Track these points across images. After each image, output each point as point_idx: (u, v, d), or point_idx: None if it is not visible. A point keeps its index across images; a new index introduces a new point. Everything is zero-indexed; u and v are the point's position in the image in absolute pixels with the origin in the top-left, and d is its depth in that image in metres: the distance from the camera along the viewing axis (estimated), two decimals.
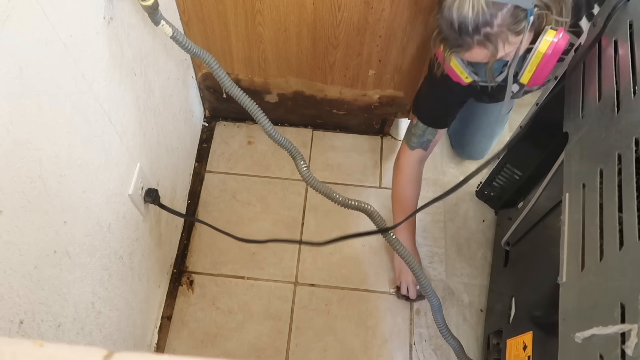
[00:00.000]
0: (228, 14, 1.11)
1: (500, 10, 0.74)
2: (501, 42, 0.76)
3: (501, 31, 0.75)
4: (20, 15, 0.53)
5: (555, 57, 0.80)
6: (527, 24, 0.75)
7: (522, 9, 0.74)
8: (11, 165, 0.54)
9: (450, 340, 1.06)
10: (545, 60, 0.80)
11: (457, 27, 0.76)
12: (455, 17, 0.75)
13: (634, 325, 0.49)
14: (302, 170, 0.98)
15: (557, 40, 0.78)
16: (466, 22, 0.74)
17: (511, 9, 0.74)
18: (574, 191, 0.72)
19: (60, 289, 0.68)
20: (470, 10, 0.74)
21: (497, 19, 0.74)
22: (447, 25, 0.77)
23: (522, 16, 0.75)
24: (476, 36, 0.75)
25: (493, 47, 0.77)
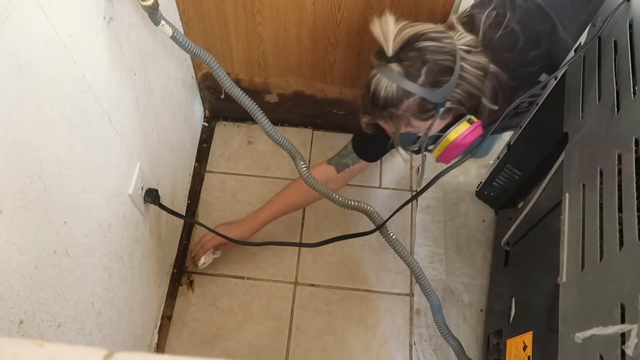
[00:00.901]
0: (228, 13, 1.11)
1: (407, 98, 0.79)
2: (403, 124, 0.83)
3: (404, 115, 0.81)
4: (20, 15, 0.53)
5: (460, 148, 0.87)
6: (437, 114, 0.81)
7: (429, 101, 0.80)
8: (11, 165, 0.54)
9: (450, 340, 1.06)
10: (451, 147, 0.87)
11: (370, 98, 0.82)
12: (371, 90, 0.81)
13: (634, 325, 0.49)
14: (302, 170, 0.98)
15: (466, 134, 0.85)
16: (378, 97, 0.81)
17: (418, 100, 0.79)
18: (574, 191, 0.72)
19: (60, 289, 0.68)
20: (383, 89, 0.80)
21: (404, 104, 0.80)
22: (365, 91, 0.84)
23: (430, 107, 0.81)
24: (383, 111, 0.82)
25: (394, 126, 0.84)
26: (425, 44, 0.78)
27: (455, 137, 0.86)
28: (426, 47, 0.78)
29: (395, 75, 0.79)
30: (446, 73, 0.79)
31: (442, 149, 0.89)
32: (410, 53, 0.78)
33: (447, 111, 0.83)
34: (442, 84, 0.79)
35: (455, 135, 0.86)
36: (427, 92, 0.79)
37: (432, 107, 0.81)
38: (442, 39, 0.80)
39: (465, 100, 0.83)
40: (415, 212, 1.39)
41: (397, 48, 0.79)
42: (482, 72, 0.83)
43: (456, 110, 0.85)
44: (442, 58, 0.79)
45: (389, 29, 0.79)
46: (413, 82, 0.78)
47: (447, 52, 0.79)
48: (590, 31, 0.82)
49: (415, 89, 0.78)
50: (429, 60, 0.78)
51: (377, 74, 0.81)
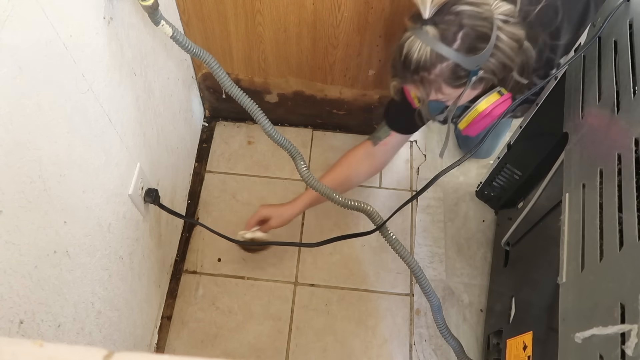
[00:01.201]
0: (228, 13, 1.11)
1: (441, 62, 0.77)
2: (434, 89, 0.81)
3: (436, 80, 0.79)
4: (20, 15, 0.53)
5: (489, 119, 0.85)
6: (469, 82, 0.79)
7: (463, 68, 0.78)
8: (11, 165, 0.54)
9: (450, 340, 1.06)
10: (480, 118, 0.86)
11: (403, 61, 0.80)
12: (404, 52, 0.79)
13: (634, 325, 0.49)
14: (301, 170, 0.98)
15: (497, 105, 0.84)
16: (410, 60, 0.79)
17: (451, 65, 0.77)
18: (574, 191, 0.72)
19: (60, 289, 0.68)
20: (417, 51, 0.78)
21: (436, 69, 0.78)
22: (397, 55, 0.81)
23: (462, 74, 0.79)
24: (414, 75, 0.80)
25: (425, 91, 0.82)
26: (463, 8, 0.76)
27: (485, 108, 0.84)
28: (464, 12, 0.76)
29: (430, 38, 0.76)
30: (482, 40, 0.77)
31: (469, 120, 0.87)
32: (447, 16, 0.76)
33: (479, 81, 0.81)
34: (478, 51, 0.77)
35: (486, 106, 0.84)
36: (461, 57, 0.76)
37: (465, 74, 0.78)
38: (480, 4, 0.77)
39: (498, 71, 0.80)
40: (415, 212, 1.39)
41: (434, 10, 0.76)
42: (518, 44, 0.81)
43: (487, 81, 0.82)
44: (480, 24, 0.76)
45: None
46: (448, 46, 0.76)
47: (484, 18, 0.77)
48: (590, 31, 0.82)
49: (449, 54, 0.76)
50: (466, 25, 0.75)
51: (411, 36, 0.78)
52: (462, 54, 0.76)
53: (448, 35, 0.76)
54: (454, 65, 0.77)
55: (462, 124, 0.89)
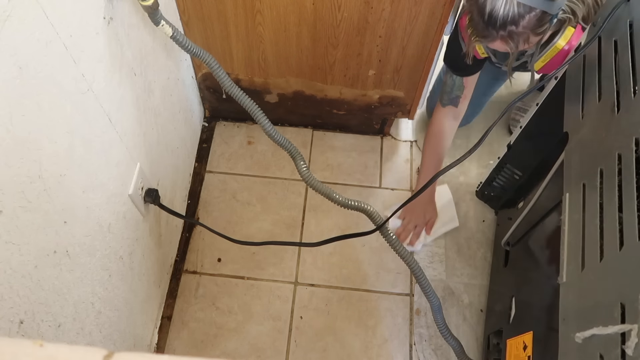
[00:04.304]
0: (228, 14, 1.11)
1: (529, 13, 0.77)
2: (522, 41, 0.80)
3: (524, 32, 0.79)
4: (20, 15, 0.53)
5: (568, 52, 0.86)
6: (551, 25, 0.79)
7: (548, 14, 0.78)
8: (11, 165, 0.54)
9: (450, 340, 1.06)
10: (560, 54, 0.87)
11: (487, 19, 0.79)
12: (487, 9, 0.78)
13: (634, 325, 0.49)
14: (301, 170, 0.98)
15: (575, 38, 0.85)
16: (496, 16, 0.78)
17: (539, 14, 0.77)
18: (574, 191, 0.72)
19: (60, 289, 0.68)
20: (503, 6, 0.77)
21: (524, 21, 0.77)
22: (478, 13, 0.80)
23: (546, 20, 0.79)
24: (501, 31, 0.79)
25: (514, 44, 0.81)
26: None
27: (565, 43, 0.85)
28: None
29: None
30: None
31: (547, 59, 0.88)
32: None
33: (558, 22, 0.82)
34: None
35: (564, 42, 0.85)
36: (548, 4, 0.76)
37: (548, 19, 0.79)
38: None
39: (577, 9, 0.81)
40: None
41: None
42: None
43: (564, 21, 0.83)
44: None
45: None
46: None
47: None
48: (590, 31, 0.82)
49: (536, 3, 0.76)
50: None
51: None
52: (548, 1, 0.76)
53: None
54: (541, 13, 0.77)
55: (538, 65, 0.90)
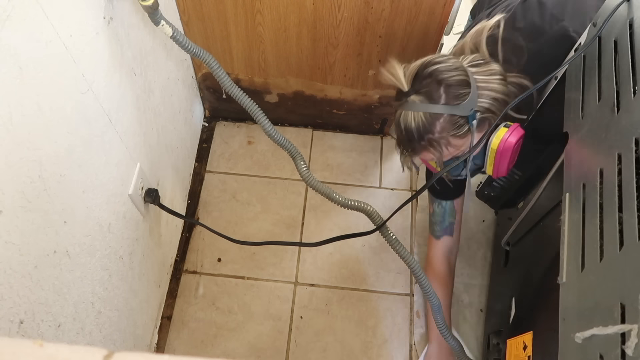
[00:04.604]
0: (228, 13, 1.11)
1: (437, 120, 0.81)
2: (444, 146, 0.84)
3: (442, 137, 0.83)
4: (20, 15, 0.53)
5: (507, 152, 0.87)
6: (472, 127, 0.82)
7: (460, 116, 0.81)
8: (11, 165, 0.54)
9: (450, 340, 1.06)
10: (499, 156, 0.88)
11: (405, 135, 0.84)
12: (402, 127, 0.84)
13: (634, 325, 0.49)
14: (301, 170, 0.98)
15: (508, 136, 0.86)
16: (411, 130, 0.83)
17: (448, 118, 0.81)
18: (574, 191, 0.72)
19: (60, 289, 0.68)
20: (412, 121, 0.82)
21: (437, 127, 0.82)
22: (398, 132, 0.86)
23: (462, 122, 0.82)
24: (421, 142, 0.84)
25: (437, 151, 0.85)
26: (434, 67, 0.81)
27: (498, 143, 0.86)
28: (436, 69, 0.81)
29: (417, 104, 0.81)
30: (463, 86, 0.81)
31: (492, 162, 0.90)
32: (424, 80, 0.82)
33: (481, 122, 0.84)
34: (464, 96, 0.81)
35: (497, 141, 0.87)
36: (452, 108, 0.80)
37: (464, 121, 0.82)
38: (446, 60, 0.83)
39: (494, 108, 0.84)
40: (415, 212, 1.39)
41: (410, 81, 0.82)
42: (500, 76, 0.84)
43: (489, 120, 0.86)
44: (454, 74, 0.81)
45: (396, 70, 0.83)
46: (436, 103, 0.81)
47: (456, 68, 0.81)
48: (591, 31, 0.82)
49: (440, 109, 0.80)
50: (443, 79, 0.80)
51: (402, 111, 0.84)
52: (452, 105, 0.81)
53: (433, 95, 0.81)
54: (450, 117, 0.81)
55: (489, 169, 0.92)
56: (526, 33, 0.91)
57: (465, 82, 0.81)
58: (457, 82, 0.81)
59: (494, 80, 0.83)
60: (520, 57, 0.90)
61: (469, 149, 0.86)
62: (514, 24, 0.93)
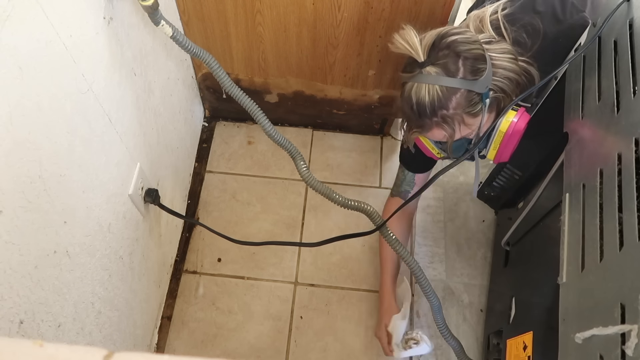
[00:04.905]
0: (228, 14, 1.11)
1: (454, 95, 0.77)
2: (457, 123, 0.80)
3: (456, 113, 0.79)
4: (20, 15, 0.53)
5: (516, 136, 0.84)
6: (484, 107, 0.79)
7: (476, 93, 0.78)
8: (11, 165, 0.54)
9: (450, 340, 1.06)
10: (507, 139, 0.84)
11: (416, 110, 0.79)
12: (414, 101, 0.79)
13: (634, 325, 0.49)
14: (301, 170, 0.98)
15: (517, 120, 0.83)
16: (423, 104, 0.78)
17: (464, 93, 0.77)
18: (574, 191, 0.72)
19: (60, 289, 0.68)
20: (427, 94, 0.77)
21: (452, 102, 0.78)
22: (407, 107, 0.81)
23: (477, 99, 0.78)
24: (434, 118, 0.79)
25: (450, 128, 0.80)
26: (452, 38, 0.77)
27: (507, 127, 0.83)
28: (455, 40, 0.77)
29: (434, 77, 0.77)
30: (481, 61, 0.78)
31: (497, 146, 0.86)
32: (441, 52, 0.77)
33: (493, 101, 0.81)
34: (481, 71, 0.77)
35: (506, 125, 0.83)
36: (470, 83, 0.77)
37: (479, 98, 0.78)
38: (464, 32, 0.79)
39: (506, 87, 0.81)
40: (415, 212, 1.39)
41: (427, 50, 0.78)
42: (512, 55, 0.81)
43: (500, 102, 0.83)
44: (473, 47, 0.77)
45: (412, 37, 0.78)
46: (454, 77, 0.77)
47: (473, 41, 0.78)
48: (590, 31, 0.82)
49: (458, 83, 0.76)
50: (462, 51, 0.77)
51: (415, 83, 0.79)
52: (470, 80, 0.77)
53: (450, 67, 0.77)
54: (467, 93, 0.78)
55: (491, 154, 0.88)
56: (546, 17, 0.88)
57: (483, 56, 0.78)
58: (475, 55, 0.77)
59: (507, 59, 0.80)
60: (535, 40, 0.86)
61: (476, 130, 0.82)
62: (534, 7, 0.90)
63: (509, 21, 0.86)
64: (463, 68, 0.77)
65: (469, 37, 0.78)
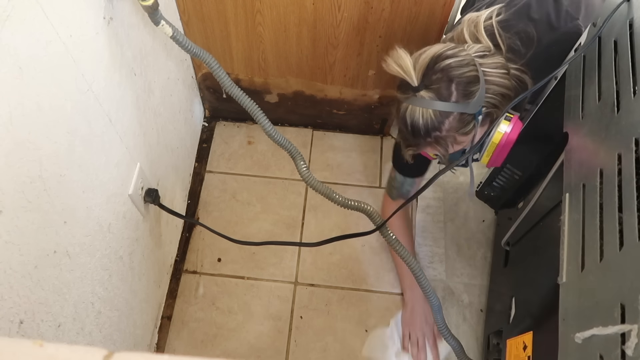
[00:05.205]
0: (228, 14, 1.11)
1: (447, 118, 0.79)
2: (450, 143, 0.83)
3: (449, 135, 0.81)
4: (20, 15, 0.53)
5: (509, 145, 0.87)
6: (477, 124, 0.81)
7: (469, 114, 0.80)
8: (11, 165, 0.54)
9: (450, 340, 1.06)
10: (499, 149, 0.87)
11: (411, 130, 0.82)
12: (408, 122, 0.81)
13: (634, 325, 0.49)
14: (301, 170, 0.98)
15: (510, 130, 0.85)
16: (417, 126, 0.81)
17: (457, 116, 0.79)
18: (574, 191, 0.72)
19: (60, 289, 0.68)
20: (420, 117, 0.80)
21: (445, 125, 0.80)
22: (403, 127, 0.84)
23: (469, 119, 0.80)
24: (427, 139, 0.82)
25: (443, 148, 0.84)
26: (446, 62, 0.79)
27: (500, 137, 0.86)
28: (448, 65, 0.79)
29: (427, 101, 0.79)
30: (474, 83, 0.80)
31: (490, 153, 0.89)
32: (435, 76, 0.79)
33: (485, 117, 0.83)
34: (474, 94, 0.79)
35: (500, 135, 0.86)
36: (462, 106, 0.79)
37: (472, 118, 0.81)
38: (458, 53, 0.81)
39: (498, 102, 0.83)
40: (415, 212, 1.39)
41: (420, 76, 0.80)
42: (504, 69, 0.83)
43: (492, 115, 0.85)
44: (466, 70, 0.79)
45: (406, 61, 0.80)
46: (446, 101, 0.79)
47: (467, 63, 0.80)
48: (590, 31, 0.82)
49: (451, 107, 0.79)
50: (455, 76, 0.79)
51: (409, 105, 0.81)
52: (462, 103, 0.79)
53: (443, 92, 0.79)
54: (459, 115, 0.80)
55: (485, 159, 0.91)
56: (541, 25, 0.90)
57: (476, 78, 0.80)
58: (468, 79, 0.79)
59: (500, 75, 0.82)
60: (529, 47, 0.88)
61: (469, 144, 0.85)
62: (529, 14, 0.91)
63: (503, 27, 0.87)
64: (456, 92, 0.79)
65: (462, 60, 0.80)
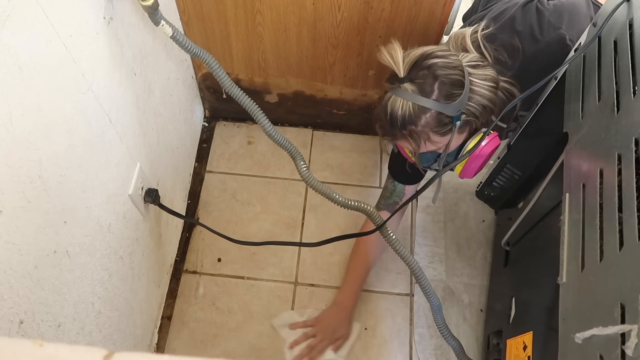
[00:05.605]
0: (228, 13, 1.11)
1: (424, 114, 0.82)
2: (423, 140, 0.85)
3: (423, 131, 0.83)
4: (20, 15, 0.53)
5: (481, 158, 0.89)
6: (454, 128, 0.83)
7: (446, 115, 0.82)
8: (11, 165, 0.54)
9: (450, 340, 1.06)
10: (471, 160, 0.90)
11: (389, 120, 0.84)
12: (388, 111, 0.84)
13: (634, 325, 0.49)
14: (301, 170, 0.98)
15: (485, 144, 0.88)
16: (395, 116, 0.83)
17: (435, 114, 0.81)
18: (574, 191, 0.72)
19: (60, 289, 0.68)
20: (400, 108, 0.82)
21: (421, 120, 0.82)
22: (383, 115, 0.86)
23: (446, 121, 0.82)
24: (403, 131, 0.84)
25: (415, 143, 0.85)
26: (433, 61, 0.81)
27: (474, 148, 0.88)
28: (435, 64, 0.81)
29: (409, 93, 0.81)
30: (457, 86, 0.81)
31: (462, 163, 0.91)
32: (421, 71, 0.81)
33: (464, 124, 0.85)
34: (455, 97, 0.81)
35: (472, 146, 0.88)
36: (441, 106, 0.81)
37: (449, 120, 0.82)
38: (448, 55, 0.82)
39: (479, 113, 0.84)
40: (415, 212, 1.39)
41: (407, 68, 0.82)
42: (493, 83, 0.85)
43: (472, 124, 0.87)
44: (452, 73, 0.81)
45: (397, 53, 0.83)
46: (427, 97, 0.80)
47: (455, 67, 0.81)
48: (590, 31, 0.82)
49: (430, 104, 0.80)
50: (440, 75, 0.80)
51: (392, 95, 0.83)
52: (442, 102, 0.81)
53: (425, 88, 0.81)
54: (436, 114, 0.81)
55: (458, 169, 0.93)
56: (525, 37, 0.92)
57: (460, 82, 0.81)
58: (452, 81, 0.81)
59: (486, 87, 0.84)
60: (515, 59, 0.91)
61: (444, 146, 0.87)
62: (514, 26, 0.94)
63: (488, 40, 0.90)
64: (438, 91, 0.81)
65: (450, 62, 0.82)
